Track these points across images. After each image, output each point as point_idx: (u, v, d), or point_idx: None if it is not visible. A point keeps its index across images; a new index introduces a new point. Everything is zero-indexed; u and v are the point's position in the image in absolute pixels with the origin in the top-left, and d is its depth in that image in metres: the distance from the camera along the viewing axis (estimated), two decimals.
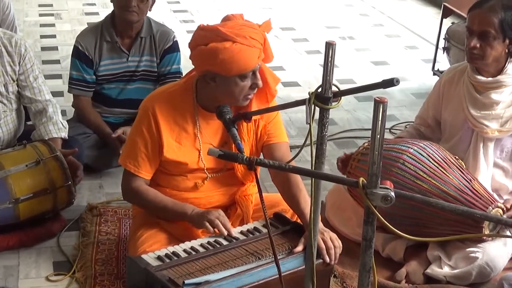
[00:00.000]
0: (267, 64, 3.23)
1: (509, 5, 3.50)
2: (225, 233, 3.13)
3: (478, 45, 3.51)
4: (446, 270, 3.47)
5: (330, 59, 2.37)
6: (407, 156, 3.53)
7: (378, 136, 1.95)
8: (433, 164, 3.50)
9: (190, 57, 3.16)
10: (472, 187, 3.45)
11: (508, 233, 3.49)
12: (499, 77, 3.59)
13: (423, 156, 3.53)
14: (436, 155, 3.54)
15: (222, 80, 3.09)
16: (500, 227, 3.46)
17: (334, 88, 2.40)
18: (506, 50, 3.54)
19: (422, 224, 3.46)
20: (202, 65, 3.11)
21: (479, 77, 3.61)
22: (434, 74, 5.93)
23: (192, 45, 3.14)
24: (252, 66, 3.06)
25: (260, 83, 3.13)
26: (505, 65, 3.58)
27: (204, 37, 3.07)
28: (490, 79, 3.60)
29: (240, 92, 3.11)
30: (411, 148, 3.56)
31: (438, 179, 3.46)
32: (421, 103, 4.12)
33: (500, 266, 3.47)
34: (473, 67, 3.64)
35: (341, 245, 3.11)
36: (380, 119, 1.93)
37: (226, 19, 3.19)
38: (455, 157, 3.59)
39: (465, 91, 3.68)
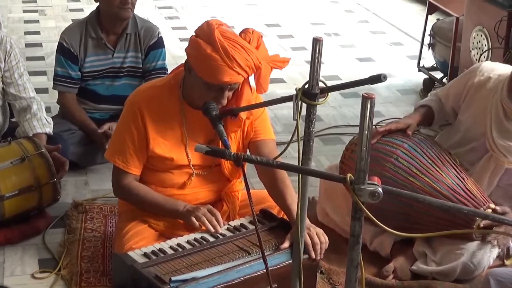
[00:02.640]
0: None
1: None
2: (211, 229, 3.13)
3: None
4: (431, 266, 3.47)
5: (317, 55, 2.37)
6: (401, 151, 3.51)
7: (366, 132, 1.94)
8: (427, 161, 3.48)
9: None
10: (465, 187, 3.42)
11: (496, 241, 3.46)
12: None
13: (417, 152, 3.50)
14: (430, 151, 3.51)
15: (194, 75, 3.11)
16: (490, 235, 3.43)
17: (321, 84, 2.40)
18: None
19: (413, 221, 3.45)
20: (187, 51, 3.15)
21: None
22: (419, 70, 5.94)
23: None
24: (218, 81, 3.05)
25: (223, 102, 3.11)
26: None
27: (202, 30, 3.10)
28: None
29: (202, 97, 3.10)
30: (406, 143, 3.54)
31: (431, 176, 3.44)
32: (406, 99, 4.13)
33: (484, 264, 3.46)
34: (510, 90, 3.47)
35: (327, 240, 3.11)
36: (368, 115, 1.93)
37: (243, 31, 3.15)
38: (448, 153, 3.57)
39: (493, 109, 3.53)
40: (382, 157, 3.48)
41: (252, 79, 3.16)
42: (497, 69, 3.64)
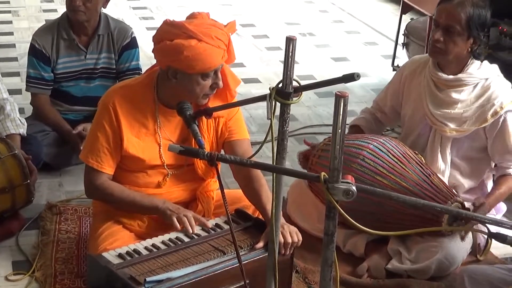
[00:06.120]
0: (229, 65, 3.23)
1: (479, 4, 3.48)
2: (190, 231, 3.12)
3: (441, 39, 3.49)
4: (406, 265, 3.49)
5: (290, 54, 2.36)
6: (367, 152, 3.54)
7: (339, 130, 1.95)
8: (392, 159, 3.52)
9: (153, 51, 3.15)
10: (431, 182, 3.47)
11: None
12: (460, 76, 3.58)
13: (383, 152, 3.54)
14: (395, 150, 3.56)
15: (183, 77, 3.09)
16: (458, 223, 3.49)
17: (295, 83, 2.39)
18: (469, 49, 3.53)
19: (383, 220, 3.47)
20: (165, 61, 3.11)
21: (440, 73, 3.61)
22: (393, 70, 5.96)
23: (156, 38, 3.13)
24: (215, 65, 3.08)
25: (221, 83, 3.14)
26: (466, 64, 3.58)
27: (170, 33, 3.07)
28: (451, 77, 3.60)
29: (200, 90, 3.12)
30: (371, 144, 3.57)
31: (398, 174, 3.48)
32: None
33: (458, 260, 3.50)
34: (435, 63, 3.63)
35: (300, 239, 3.10)
36: (341, 113, 1.93)
37: (192, 16, 3.18)
38: (414, 152, 3.61)
39: (425, 86, 3.68)
40: (348, 158, 3.49)
41: None
42: (425, 56, 3.83)
